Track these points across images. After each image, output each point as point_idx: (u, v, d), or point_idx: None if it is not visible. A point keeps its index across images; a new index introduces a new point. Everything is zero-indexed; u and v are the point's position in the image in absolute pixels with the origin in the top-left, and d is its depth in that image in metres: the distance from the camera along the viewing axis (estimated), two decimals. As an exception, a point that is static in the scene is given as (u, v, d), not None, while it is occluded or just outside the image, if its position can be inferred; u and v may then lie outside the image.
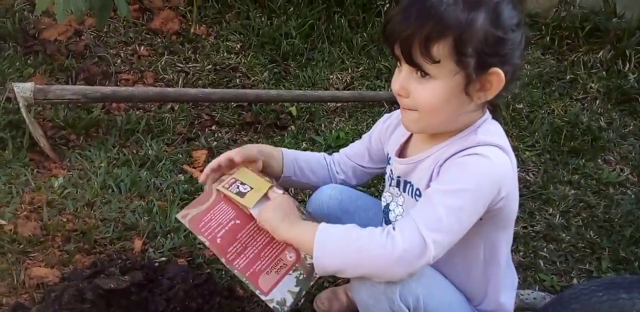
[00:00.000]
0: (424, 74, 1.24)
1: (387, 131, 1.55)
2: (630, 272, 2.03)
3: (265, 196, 1.46)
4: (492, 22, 1.21)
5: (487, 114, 1.36)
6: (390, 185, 1.51)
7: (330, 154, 1.70)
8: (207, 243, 1.40)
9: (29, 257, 1.81)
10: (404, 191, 1.45)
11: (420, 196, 1.39)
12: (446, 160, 1.30)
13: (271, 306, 1.36)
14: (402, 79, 1.28)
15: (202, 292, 1.71)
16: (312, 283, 1.43)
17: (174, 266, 1.81)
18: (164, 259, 1.87)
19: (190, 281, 1.73)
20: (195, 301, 1.68)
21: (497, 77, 1.24)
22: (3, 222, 1.89)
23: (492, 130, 1.33)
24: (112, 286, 1.65)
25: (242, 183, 1.47)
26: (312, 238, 1.27)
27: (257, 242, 1.43)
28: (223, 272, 1.87)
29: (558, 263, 2.06)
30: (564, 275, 2.02)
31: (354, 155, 1.65)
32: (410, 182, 1.43)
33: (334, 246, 1.26)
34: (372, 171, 1.67)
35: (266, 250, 1.42)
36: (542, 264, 2.05)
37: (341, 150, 1.69)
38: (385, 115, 1.59)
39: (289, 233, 1.35)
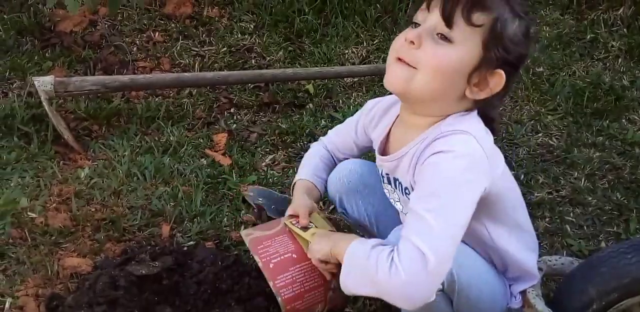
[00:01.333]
0: (446, 37, 1.22)
1: (371, 124, 1.53)
2: (659, 233, 2.02)
3: None
4: (522, 31, 1.25)
5: (473, 112, 1.32)
6: (383, 182, 1.51)
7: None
8: (260, 264, 1.47)
9: (61, 248, 1.86)
10: (396, 188, 1.45)
11: (409, 194, 1.37)
12: (417, 161, 1.29)
13: None
14: (423, 31, 1.23)
15: (231, 273, 1.74)
16: None
17: (203, 249, 1.84)
18: (192, 243, 1.91)
19: (219, 263, 1.76)
20: (225, 282, 1.72)
21: (499, 79, 1.24)
22: (34, 215, 1.94)
23: (457, 120, 1.30)
24: (143, 272, 1.70)
25: (310, 223, 1.55)
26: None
27: (306, 283, 1.47)
28: (250, 253, 1.90)
29: (585, 227, 2.05)
30: (591, 239, 2.01)
31: (343, 147, 1.68)
32: (397, 179, 1.43)
33: (355, 273, 1.26)
34: (360, 155, 1.71)
35: (309, 294, 1.47)
36: (568, 229, 2.04)
37: (329, 138, 1.71)
38: (368, 104, 1.56)
39: (338, 254, 1.35)
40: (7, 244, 1.84)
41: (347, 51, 2.88)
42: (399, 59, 1.26)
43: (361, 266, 1.23)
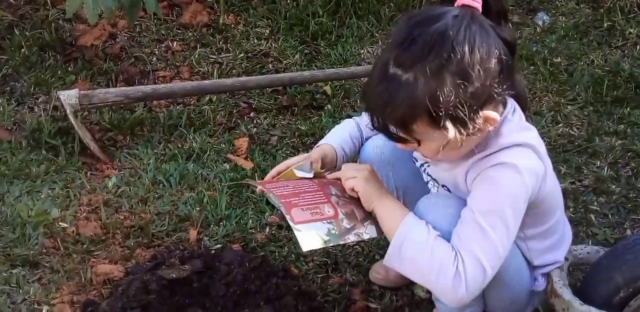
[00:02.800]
0: (415, 143, 1.27)
1: None
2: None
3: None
4: (461, 78, 1.16)
5: (507, 109, 1.32)
6: (422, 171, 1.53)
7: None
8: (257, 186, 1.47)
9: (93, 256, 1.91)
10: (432, 179, 1.49)
11: (449, 190, 1.42)
12: (469, 170, 1.31)
13: (297, 234, 1.32)
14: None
15: (259, 274, 1.78)
16: (342, 242, 1.39)
17: (230, 251, 1.88)
18: (219, 246, 1.95)
19: (246, 264, 1.80)
20: (253, 283, 1.75)
21: (490, 116, 1.22)
22: (65, 225, 2.00)
23: (512, 128, 1.30)
24: (174, 275, 1.74)
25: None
26: (394, 229, 1.31)
27: (300, 188, 1.43)
28: (276, 254, 1.93)
29: (610, 215, 2.05)
30: (616, 227, 2.01)
31: None
32: (434, 178, 1.46)
33: (409, 259, 1.29)
34: None
35: (306, 194, 1.41)
36: (593, 218, 2.04)
37: (364, 120, 1.64)
38: None
39: (379, 207, 1.37)
40: (41, 254, 1.90)
41: (362, 51, 2.90)
42: None
43: (419, 256, 1.27)
